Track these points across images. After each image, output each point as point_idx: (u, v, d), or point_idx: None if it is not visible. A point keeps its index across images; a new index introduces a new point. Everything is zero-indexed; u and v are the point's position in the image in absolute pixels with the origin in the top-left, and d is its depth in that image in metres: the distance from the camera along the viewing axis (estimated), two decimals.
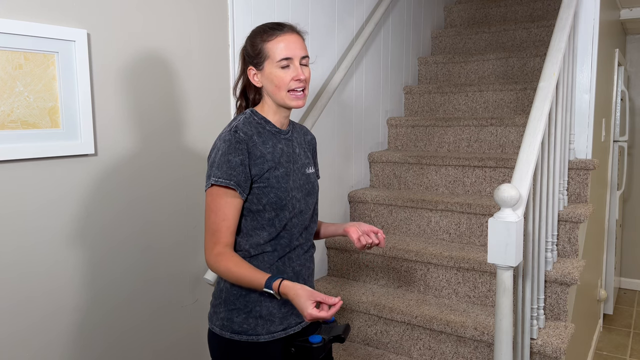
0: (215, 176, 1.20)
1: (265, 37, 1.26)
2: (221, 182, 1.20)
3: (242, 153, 1.22)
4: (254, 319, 1.27)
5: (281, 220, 1.28)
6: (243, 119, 1.28)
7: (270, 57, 1.25)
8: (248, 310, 1.27)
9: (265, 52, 1.25)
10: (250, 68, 1.29)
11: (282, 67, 1.25)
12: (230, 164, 1.20)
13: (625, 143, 3.77)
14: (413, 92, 3.20)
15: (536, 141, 1.63)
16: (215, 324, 1.30)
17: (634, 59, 4.32)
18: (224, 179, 1.20)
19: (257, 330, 1.27)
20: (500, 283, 1.42)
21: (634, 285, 4.46)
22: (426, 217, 2.47)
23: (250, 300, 1.27)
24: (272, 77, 1.26)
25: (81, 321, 1.55)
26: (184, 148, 1.81)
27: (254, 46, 1.27)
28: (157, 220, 1.74)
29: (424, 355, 2.08)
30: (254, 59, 1.27)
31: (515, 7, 3.50)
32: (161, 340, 1.79)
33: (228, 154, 1.21)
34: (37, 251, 1.43)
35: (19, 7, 1.35)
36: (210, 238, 1.23)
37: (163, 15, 1.71)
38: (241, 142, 1.22)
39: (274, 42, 1.25)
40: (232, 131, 1.23)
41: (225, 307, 1.28)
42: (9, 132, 1.34)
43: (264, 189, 1.25)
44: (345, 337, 1.32)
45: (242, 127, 1.25)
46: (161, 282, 1.77)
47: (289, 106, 1.29)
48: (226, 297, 1.29)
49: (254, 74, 1.29)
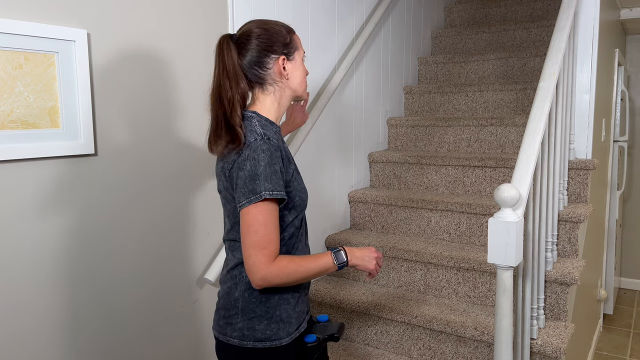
0: (267, 190, 1.12)
1: (288, 28, 1.26)
2: (276, 194, 1.13)
3: (280, 160, 1.16)
4: (275, 324, 1.23)
5: (299, 219, 1.27)
6: (258, 123, 1.20)
7: (299, 49, 1.27)
8: (269, 316, 1.23)
9: (295, 43, 1.26)
10: (281, 57, 1.23)
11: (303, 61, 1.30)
12: (277, 174, 1.14)
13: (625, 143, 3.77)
14: (413, 92, 3.20)
15: (536, 141, 1.63)
16: (232, 336, 1.24)
17: (634, 59, 4.32)
18: (278, 191, 1.13)
19: (279, 334, 1.24)
20: (500, 283, 1.42)
21: (634, 285, 4.46)
22: (426, 217, 2.47)
23: (270, 306, 1.23)
24: (302, 68, 1.28)
25: (81, 322, 1.55)
26: (184, 148, 1.81)
27: (285, 35, 1.24)
28: (157, 220, 1.74)
29: (424, 355, 2.08)
30: (286, 48, 1.24)
31: (515, 7, 3.50)
32: (161, 341, 1.79)
33: (273, 164, 1.14)
34: (36, 252, 1.43)
35: (19, 7, 1.35)
36: (263, 252, 1.13)
37: (163, 15, 1.71)
38: (278, 149, 1.17)
39: (297, 36, 1.28)
40: (266, 139, 1.15)
41: (244, 317, 1.23)
42: (9, 132, 1.34)
43: (289, 193, 1.21)
44: (340, 336, 1.32)
45: (266, 132, 1.18)
46: (161, 282, 1.77)
47: (303, 98, 1.32)
48: (244, 306, 1.23)
49: (283, 64, 1.24)
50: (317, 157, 2.46)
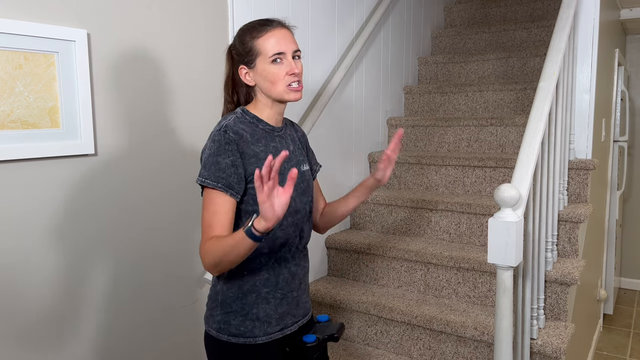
0: (202, 176, 1.18)
1: (254, 34, 1.23)
2: (208, 183, 1.17)
3: (232, 154, 1.19)
4: (250, 322, 1.25)
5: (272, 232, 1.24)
6: (234, 118, 1.25)
7: (262, 53, 1.23)
8: (245, 312, 1.25)
9: (257, 49, 1.23)
10: (242, 67, 1.26)
11: (275, 63, 1.23)
12: (219, 165, 1.18)
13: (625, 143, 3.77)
14: (413, 92, 3.20)
15: (536, 141, 1.63)
16: (211, 327, 1.28)
17: (634, 59, 4.32)
18: (212, 180, 1.17)
19: (254, 332, 1.26)
20: (500, 283, 1.42)
21: (634, 285, 4.46)
22: (426, 217, 2.47)
23: (246, 303, 1.26)
24: (265, 74, 1.23)
25: (81, 322, 1.55)
26: (183, 148, 1.81)
27: (244, 44, 1.25)
28: (157, 220, 1.74)
29: (424, 355, 2.08)
30: (245, 57, 1.25)
31: (515, 7, 3.50)
32: (161, 341, 1.79)
33: (217, 155, 1.18)
34: (37, 251, 1.43)
35: (19, 7, 1.35)
36: (203, 235, 1.19)
37: (163, 15, 1.71)
38: (231, 143, 1.19)
39: (265, 38, 1.23)
40: (222, 131, 1.20)
41: (222, 310, 1.26)
42: (9, 132, 1.34)
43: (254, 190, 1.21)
44: (340, 336, 1.31)
45: (232, 126, 1.22)
46: (161, 282, 1.77)
47: (286, 100, 1.26)
48: (222, 300, 1.27)
49: (245, 73, 1.26)
50: (317, 157, 2.46)
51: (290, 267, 1.31)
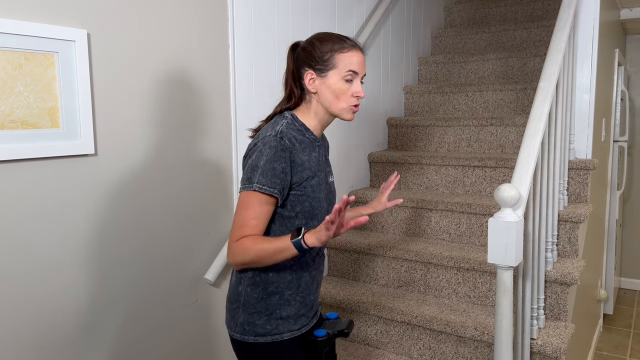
0: (260, 183, 1.18)
1: (337, 47, 1.25)
2: (265, 189, 1.18)
3: (285, 160, 1.20)
4: (275, 320, 1.28)
5: (308, 227, 1.28)
6: (286, 123, 1.26)
7: (339, 68, 1.24)
8: (269, 312, 1.28)
9: (335, 61, 1.24)
10: (310, 72, 1.27)
11: (347, 80, 1.25)
12: (274, 171, 1.19)
13: (625, 143, 3.77)
14: (413, 92, 3.20)
15: (536, 141, 1.63)
16: (235, 331, 1.30)
17: (634, 59, 4.32)
18: (269, 186, 1.18)
19: (279, 329, 1.28)
20: (500, 283, 1.42)
21: (634, 285, 4.46)
22: (426, 217, 2.47)
23: (270, 304, 1.28)
24: (334, 88, 1.25)
25: (82, 323, 1.55)
26: (182, 148, 1.81)
27: (323, 52, 1.25)
28: (157, 220, 1.74)
29: (424, 355, 2.08)
30: (318, 64, 1.25)
31: (515, 7, 3.50)
32: (161, 340, 1.79)
33: (274, 161, 1.19)
34: (37, 252, 1.43)
35: (19, 7, 1.35)
36: (236, 231, 1.20)
37: (163, 15, 1.71)
38: (285, 150, 1.21)
39: (347, 55, 1.25)
40: (278, 137, 1.21)
41: (245, 311, 1.28)
42: (9, 132, 1.34)
43: (299, 197, 1.25)
44: (349, 332, 1.36)
45: (286, 132, 1.24)
46: (161, 282, 1.77)
47: (342, 118, 1.29)
48: (245, 301, 1.28)
49: (311, 79, 1.27)
50: None
51: (311, 271, 1.34)
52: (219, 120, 1.94)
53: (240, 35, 1.99)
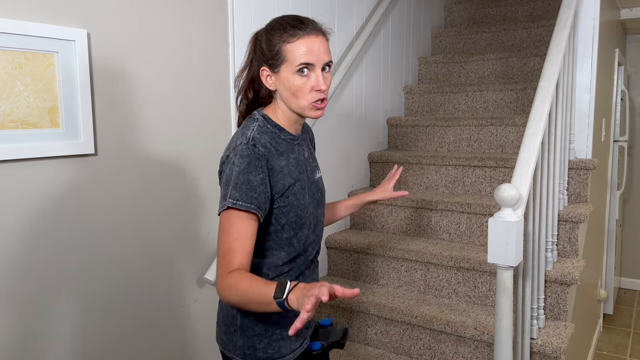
0: (233, 198, 1.04)
1: (285, 36, 1.09)
2: (240, 205, 1.04)
3: (262, 171, 1.06)
4: (276, 342, 1.17)
5: (299, 239, 1.17)
6: (257, 127, 1.12)
7: (289, 61, 1.08)
8: (269, 334, 1.17)
9: (284, 54, 1.09)
10: (264, 68, 1.13)
11: (301, 74, 1.08)
12: (250, 184, 1.05)
13: (625, 143, 3.77)
14: (413, 92, 3.20)
15: (536, 141, 1.63)
16: (234, 354, 1.18)
17: (634, 59, 4.32)
18: (244, 201, 1.04)
19: (282, 351, 1.18)
20: (500, 283, 1.42)
21: (634, 285, 4.46)
22: (426, 217, 2.47)
23: (269, 324, 1.17)
24: (288, 84, 1.10)
25: (80, 322, 1.54)
26: (183, 148, 1.81)
27: (271, 44, 1.10)
28: (156, 220, 1.74)
29: (424, 355, 2.08)
30: (270, 60, 1.11)
31: (515, 7, 3.50)
32: (161, 340, 1.79)
33: (248, 172, 1.05)
34: (36, 251, 1.43)
35: (19, 7, 1.35)
36: (222, 262, 1.05)
37: (163, 15, 1.71)
38: (261, 158, 1.07)
39: (295, 44, 1.08)
40: (251, 145, 1.07)
41: (243, 334, 1.17)
42: (9, 132, 1.34)
43: (283, 209, 1.12)
44: (344, 343, 1.28)
45: (259, 138, 1.10)
46: (161, 281, 1.77)
47: (306, 116, 1.15)
48: (242, 324, 1.17)
49: (267, 75, 1.13)
50: (317, 157, 2.46)
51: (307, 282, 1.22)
52: (219, 120, 1.94)
53: (240, 35, 1.99)
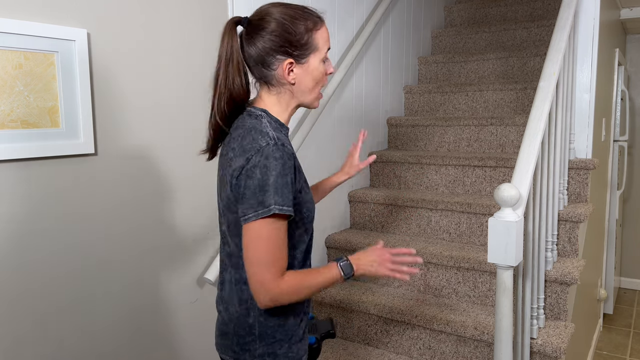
0: (278, 204, 0.98)
1: (310, 24, 1.06)
2: (285, 210, 0.99)
3: (291, 171, 1.02)
4: (295, 344, 1.17)
5: (308, 233, 1.15)
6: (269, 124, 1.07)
7: (319, 49, 1.06)
8: (289, 338, 1.15)
9: (314, 42, 1.05)
10: (288, 60, 1.06)
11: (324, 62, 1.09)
12: (288, 187, 1.00)
13: (625, 143, 3.77)
14: (413, 92, 3.20)
15: (536, 141, 1.63)
16: None
17: (634, 59, 4.32)
18: (288, 206, 1.00)
19: (300, 353, 1.18)
20: (500, 283, 1.42)
21: (634, 285, 4.46)
22: (426, 216, 2.47)
23: (289, 328, 1.15)
24: (316, 73, 1.08)
25: (79, 322, 1.55)
26: (184, 147, 1.81)
27: (300, 34, 1.05)
28: (156, 220, 1.74)
29: (424, 355, 2.08)
30: (297, 49, 1.05)
31: (515, 6, 3.50)
32: (161, 340, 1.79)
33: (284, 175, 1.00)
34: (36, 251, 1.43)
35: (19, 6, 1.35)
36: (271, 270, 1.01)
37: (163, 15, 1.71)
38: (291, 158, 1.03)
39: (320, 32, 1.06)
40: (280, 145, 1.01)
41: (263, 342, 1.13)
42: (9, 131, 1.34)
43: (297, 206, 1.08)
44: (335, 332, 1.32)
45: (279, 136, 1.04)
46: (161, 281, 1.77)
47: (312, 107, 1.12)
48: (262, 332, 1.13)
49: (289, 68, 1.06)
50: (317, 157, 2.46)
51: None
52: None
53: None
